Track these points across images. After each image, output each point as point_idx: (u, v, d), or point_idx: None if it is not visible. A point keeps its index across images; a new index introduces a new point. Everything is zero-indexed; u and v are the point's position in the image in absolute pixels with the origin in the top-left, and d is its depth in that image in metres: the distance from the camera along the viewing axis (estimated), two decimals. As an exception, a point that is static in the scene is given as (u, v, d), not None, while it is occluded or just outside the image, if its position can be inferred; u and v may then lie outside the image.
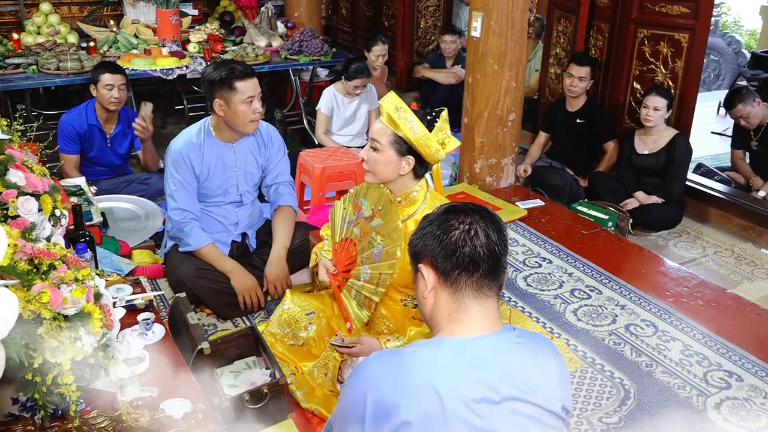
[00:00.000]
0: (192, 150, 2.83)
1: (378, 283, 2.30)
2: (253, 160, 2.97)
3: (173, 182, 2.83)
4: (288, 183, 3.09)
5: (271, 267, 2.91)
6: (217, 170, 2.89)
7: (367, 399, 1.27)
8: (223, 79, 2.72)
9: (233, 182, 2.94)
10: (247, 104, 2.75)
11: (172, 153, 2.84)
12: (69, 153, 3.87)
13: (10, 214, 1.69)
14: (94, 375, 1.53)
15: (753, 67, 6.57)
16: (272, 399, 2.12)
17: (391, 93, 2.24)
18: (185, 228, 2.83)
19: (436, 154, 2.19)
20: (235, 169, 2.92)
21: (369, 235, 2.32)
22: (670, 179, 4.08)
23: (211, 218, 2.97)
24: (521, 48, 3.91)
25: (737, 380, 2.45)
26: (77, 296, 1.45)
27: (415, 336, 2.15)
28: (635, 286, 3.05)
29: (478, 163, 4.10)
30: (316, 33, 5.60)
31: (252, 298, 2.85)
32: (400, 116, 2.14)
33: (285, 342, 2.50)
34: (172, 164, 2.83)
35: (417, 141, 2.15)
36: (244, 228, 3.07)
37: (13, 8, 6.02)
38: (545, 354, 1.38)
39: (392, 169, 2.21)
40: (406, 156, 2.19)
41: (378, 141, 2.20)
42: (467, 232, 1.35)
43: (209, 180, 2.89)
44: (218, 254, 2.88)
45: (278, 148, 3.05)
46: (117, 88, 3.83)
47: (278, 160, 3.05)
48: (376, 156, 2.21)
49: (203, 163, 2.85)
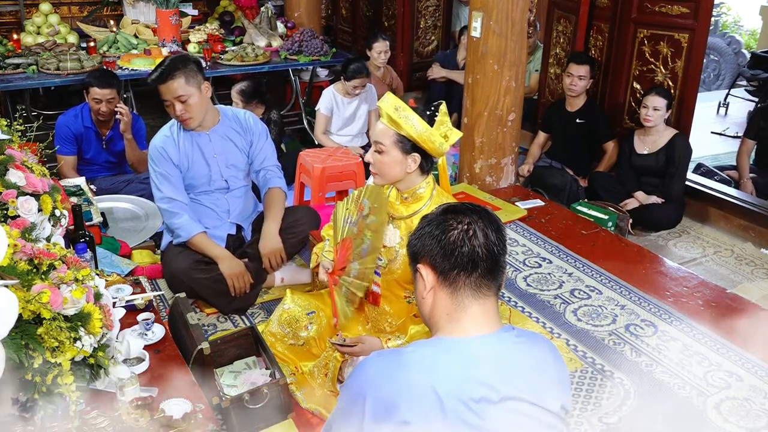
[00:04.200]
0: (167, 143, 2.90)
1: (363, 278, 2.32)
2: (232, 145, 3.01)
3: (155, 175, 2.91)
4: (275, 167, 3.14)
5: (265, 241, 2.95)
6: (196, 159, 2.94)
7: (366, 399, 1.27)
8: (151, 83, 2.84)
9: (216, 169, 2.98)
10: (167, 108, 2.84)
11: (151, 148, 2.93)
12: (66, 154, 3.86)
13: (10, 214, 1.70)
14: (94, 375, 1.53)
15: (753, 67, 6.56)
16: (272, 399, 2.12)
17: (389, 93, 2.25)
18: (175, 219, 2.89)
19: (441, 148, 2.20)
20: (214, 156, 2.96)
21: (363, 232, 2.34)
22: (670, 179, 4.08)
23: (202, 207, 3.01)
24: (521, 48, 3.91)
25: (737, 380, 2.45)
26: (77, 296, 1.45)
27: (416, 335, 2.15)
28: (635, 286, 3.05)
29: (478, 163, 4.10)
30: (315, 33, 5.60)
31: (240, 282, 2.88)
32: (401, 115, 2.15)
33: (285, 342, 2.51)
34: (152, 159, 2.91)
35: (420, 137, 2.16)
36: (237, 217, 3.08)
37: (13, 8, 6.02)
38: (544, 354, 1.38)
39: (399, 169, 2.22)
40: (411, 154, 2.20)
41: (381, 143, 2.21)
42: (466, 232, 1.35)
43: (191, 169, 2.94)
44: (208, 242, 2.92)
45: (260, 134, 3.08)
46: (105, 102, 3.80)
47: (261, 146, 3.08)
48: (381, 158, 2.22)
49: (180, 153, 2.91)
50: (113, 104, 3.84)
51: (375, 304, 2.47)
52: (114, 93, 3.84)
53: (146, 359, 2.01)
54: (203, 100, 2.86)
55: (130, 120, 3.87)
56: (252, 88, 4.36)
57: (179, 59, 2.85)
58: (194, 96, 2.81)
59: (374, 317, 2.49)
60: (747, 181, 4.35)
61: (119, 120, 3.84)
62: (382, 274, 2.39)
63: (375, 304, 2.47)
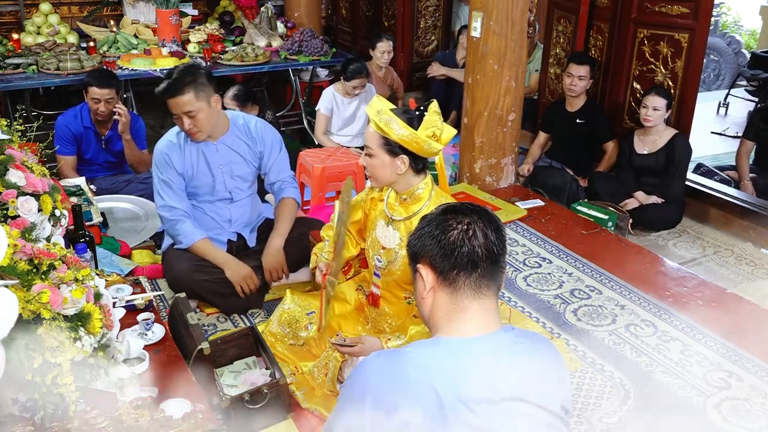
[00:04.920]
0: (172, 149, 2.85)
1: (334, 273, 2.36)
2: (239, 157, 2.95)
3: (158, 181, 2.88)
4: (290, 177, 3.10)
5: (268, 255, 2.93)
6: (200, 168, 2.89)
7: (366, 399, 1.27)
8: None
9: (220, 179, 2.93)
10: (176, 120, 2.78)
11: (156, 153, 2.89)
12: (65, 154, 3.86)
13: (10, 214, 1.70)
14: (94, 375, 1.53)
15: (753, 67, 6.56)
16: (272, 399, 2.12)
17: (375, 97, 2.27)
18: (176, 226, 2.86)
19: (430, 148, 2.19)
20: (219, 167, 2.91)
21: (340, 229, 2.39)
22: (670, 179, 4.08)
23: (204, 215, 2.99)
24: (521, 48, 3.91)
25: (737, 380, 2.45)
26: (77, 296, 1.45)
27: (416, 335, 2.15)
28: (635, 286, 3.05)
29: (478, 163, 4.10)
30: (315, 33, 5.60)
31: (249, 284, 2.87)
32: (382, 119, 2.17)
33: (285, 342, 2.51)
34: (156, 164, 2.87)
35: (402, 140, 2.17)
36: (239, 226, 3.06)
37: (13, 8, 6.02)
38: (544, 354, 1.38)
39: (389, 171, 2.24)
40: (399, 156, 2.21)
41: (370, 147, 2.24)
42: (465, 232, 1.35)
43: (194, 178, 2.90)
44: (211, 248, 2.89)
45: (272, 145, 3.01)
46: (104, 102, 3.79)
47: (275, 158, 3.03)
48: (371, 161, 2.25)
49: (185, 161, 2.86)
50: (112, 104, 3.83)
51: (374, 305, 2.47)
52: (113, 93, 3.83)
53: (146, 359, 2.01)
54: (212, 113, 2.78)
55: (129, 120, 3.86)
56: (244, 91, 4.35)
57: (188, 71, 2.73)
58: (203, 111, 2.72)
59: (374, 318, 2.49)
60: (747, 183, 4.34)
61: (118, 120, 3.84)
62: (381, 276, 2.39)
63: (374, 305, 2.47)
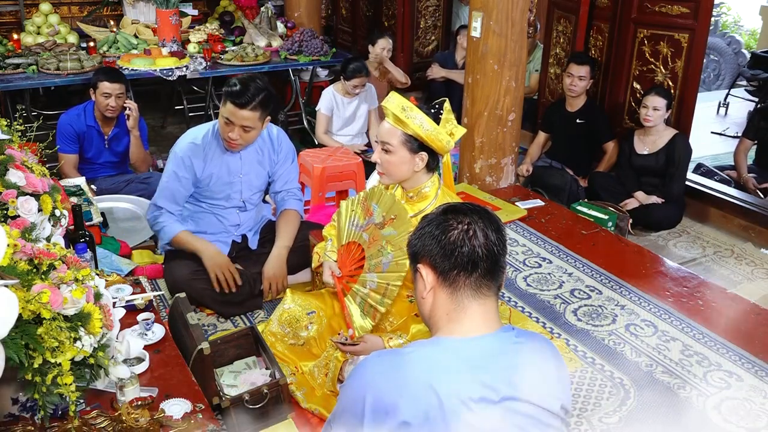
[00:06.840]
0: (195, 152, 2.81)
1: (384, 293, 2.28)
2: (260, 168, 2.96)
3: (166, 177, 2.85)
4: (296, 189, 3.09)
5: (269, 265, 2.90)
6: (220, 176, 2.87)
7: (365, 399, 1.27)
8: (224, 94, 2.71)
9: (237, 188, 2.92)
10: (225, 125, 2.73)
11: (176, 152, 2.84)
12: (68, 153, 3.87)
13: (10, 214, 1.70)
14: (94, 375, 1.53)
15: (753, 67, 6.56)
16: (272, 399, 2.12)
17: (393, 93, 2.24)
18: (158, 220, 2.85)
19: (447, 145, 2.22)
20: (240, 176, 2.90)
21: (379, 242, 2.29)
22: (670, 179, 4.08)
23: (212, 216, 2.97)
24: (521, 48, 3.91)
25: (737, 380, 2.45)
26: (77, 296, 1.45)
27: (417, 334, 2.15)
28: (635, 286, 3.05)
29: (478, 163, 4.10)
30: (315, 33, 5.60)
31: (225, 275, 2.80)
32: (408, 115, 2.15)
33: (285, 341, 2.50)
34: (173, 162, 2.83)
35: (428, 136, 2.17)
36: (245, 230, 3.07)
37: (13, 8, 6.02)
38: (544, 354, 1.38)
39: (407, 168, 2.23)
40: (418, 153, 2.21)
41: (389, 143, 2.21)
42: (466, 232, 1.35)
43: (211, 185, 2.88)
44: (190, 237, 2.86)
45: (286, 155, 3.02)
46: (114, 97, 3.80)
47: (286, 168, 3.03)
48: (389, 158, 2.22)
49: (206, 167, 2.84)
50: (122, 99, 3.86)
51: None
52: (123, 88, 3.87)
53: (146, 359, 2.00)
54: (259, 132, 2.81)
55: (138, 116, 3.91)
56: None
57: (266, 90, 2.70)
58: (257, 130, 2.75)
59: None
60: (747, 177, 4.35)
61: (126, 116, 3.86)
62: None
63: None
